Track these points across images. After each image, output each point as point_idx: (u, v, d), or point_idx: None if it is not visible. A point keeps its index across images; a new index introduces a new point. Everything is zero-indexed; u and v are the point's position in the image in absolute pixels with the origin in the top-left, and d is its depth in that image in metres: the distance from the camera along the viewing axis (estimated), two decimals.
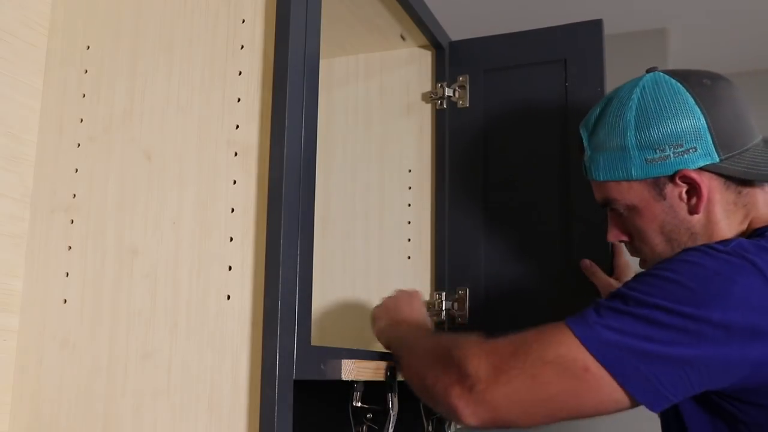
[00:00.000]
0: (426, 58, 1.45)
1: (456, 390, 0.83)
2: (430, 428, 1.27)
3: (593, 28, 1.33)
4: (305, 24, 0.93)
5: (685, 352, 0.77)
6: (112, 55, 1.00)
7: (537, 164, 1.33)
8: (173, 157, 0.93)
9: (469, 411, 0.82)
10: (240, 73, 0.92)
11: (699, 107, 0.92)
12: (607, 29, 1.35)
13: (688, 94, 0.93)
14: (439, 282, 1.36)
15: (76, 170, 0.99)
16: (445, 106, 1.40)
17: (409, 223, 1.40)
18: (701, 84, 0.94)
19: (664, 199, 0.94)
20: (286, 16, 0.90)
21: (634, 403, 0.80)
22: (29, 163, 1.01)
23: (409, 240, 1.39)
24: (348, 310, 1.40)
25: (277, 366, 0.81)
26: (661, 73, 0.98)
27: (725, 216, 0.94)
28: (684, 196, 0.94)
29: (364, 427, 1.03)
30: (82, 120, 1.00)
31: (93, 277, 0.94)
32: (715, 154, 0.91)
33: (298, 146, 0.89)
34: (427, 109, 1.43)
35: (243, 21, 0.93)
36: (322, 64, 1.40)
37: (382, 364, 1.03)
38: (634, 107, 0.95)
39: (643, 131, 0.93)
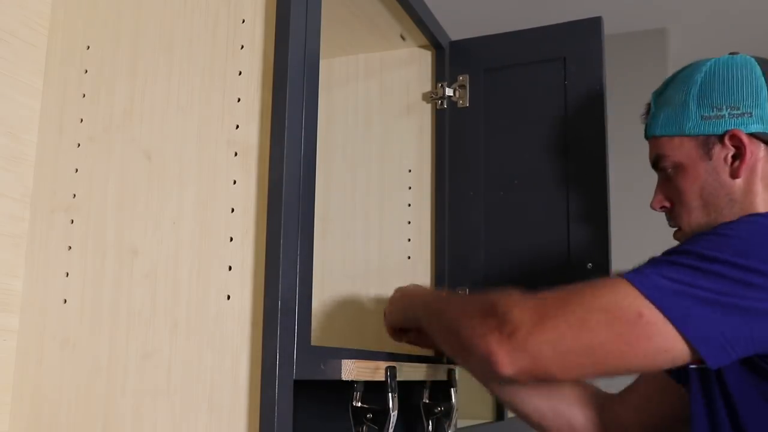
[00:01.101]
0: (426, 58, 1.45)
1: (495, 336, 0.79)
2: (430, 428, 1.27)
3: (593, 26, 1.33)
4: (305, 24, 0.93)
5: (744, 303, 0.75)
6: (112, 55, 1.00)
7: (537, 164, 1.33)
8: (173, 157, 0.93)
9: (507, 359, 0.78)
10: (240, 73, 0.92)
11: (764, 79, 0.95)
12: (607, 29, 1.35)
13: (758, 68, 0.97)
14: (439, 282, 1.36)
15: (76, 170, 0.99)
16: (445, 106, 1.40)
17: (409, 223, 1.40)
18: None
19: (710, 159, 0.96)
20: (286, 16, 0.90)
21: (691, 356, 0.76)
22: (29, 163, 1.01)
23: (409, 240, 1.39)
24: (348, 310, 1.40)
25: (277, 366, 0.81)
26: (742, 54, 1.01)
27: (765, 189, 0.95)
28: (729, 158, 0.95)
29: (364, 427, 1.03)
30: (82, 120, 1.00)
31: (93, 277, 0.94)
32: None
33: (298, 146, 0.89)
34: (427, 109, 1.43)
35: (243, 21, 0.93)
36: (322, 64, 1.40)
37: (382, 364, 1.03)
38: (704, 71, 0.99)
39: (706, 91, 0.96)
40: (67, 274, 0.96)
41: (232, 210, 0.89)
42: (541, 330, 0.78)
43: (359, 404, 1.02)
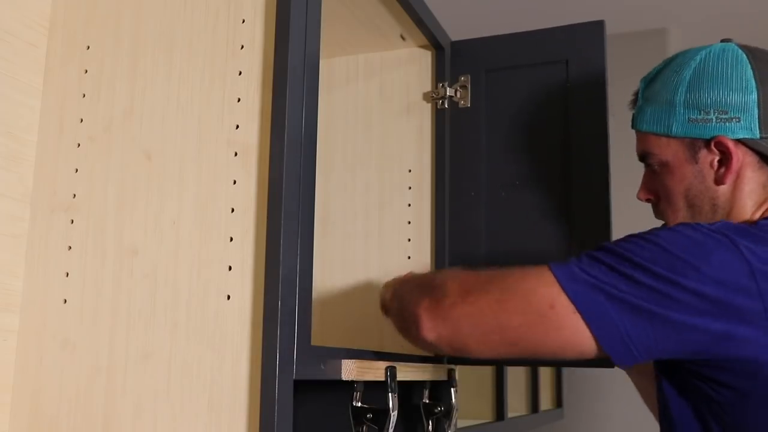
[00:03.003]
0: (426, 58, 1.45)
1: (425, 302, 0.86)
2: (430, 428, 1.27)
3: (595, 29, 1.32)
4: (305, 24, 0.93)
5: (654, 309, 0.78)
6: (112, 55, 1.00)
7: (538, 165, 1.33)
8: (173, 157, 0.93)
9: (430, 324, 0.85)
10: (240, 73, 0.92)
11: (755, 81, 0.92)
12: (608, 29, 1.35)
13: (749, 66, 0.94)
14: None
15: (76, 170, 0.99)
16: (446, 106, 1.40)
17: (409, 223, 1.40)
18: (766, 60, 0.94)
19: (696, 162, 0.95)
20: (286, 16, 0.90)
21: (597, 351, 0.80)
22: (29, 163, 1.01)
23: (409, 240, 1.39)
24: (348, 310, 1.40)
25: (277, 366, 0.81)
26: (733, 44, 0.98)
27: (750, 196, 0.94)
28: (715, 164, 0.94)
29: (364, 427, 1.03)
30: (82, 120, 1.00)
31: (93, 277, 0.94)
32: (757, 130, 0.91)
33: (298, 146, 0.89)
34: (427, 109, 1.43)
35: (243, 21, 0.93)
36: (322, 64, 1.40)
37: (382, 364, 1.03)
38: (693, 66, 0.96)
39: (694, 91, 0.94)
40: (67, 274, 0.96)
41: (232, 210, 0.89)
42: (462, 302, 0.83)
43: (359, 404, 1.02)
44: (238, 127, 0.91)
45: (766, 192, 0.94)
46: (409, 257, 1.39)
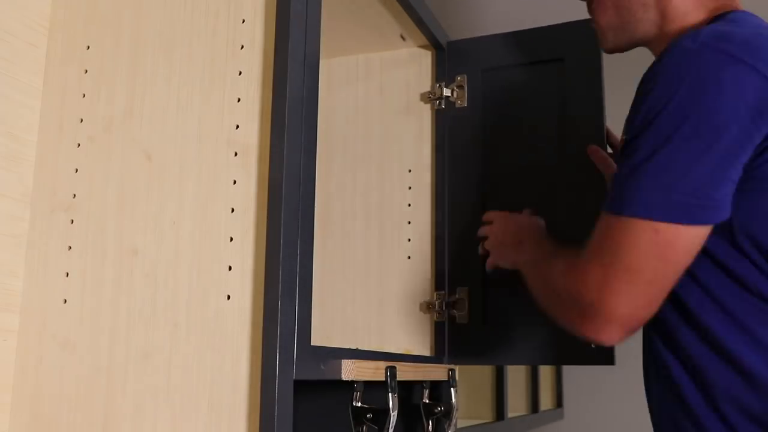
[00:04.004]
0: (426, 58, 1.45)
1: (585, 324, 0.87)
2: (430, 428, 1.27)
3: (590, 27, 1.32)
4: (305, 24, 0.93)
5: (715, 156, 0.79)
6: (112, 55, 1.00)
7: (535, 163, 1.33)
8: (173, 157, 0.93)
9: (603, 336, 0.86)
10: (240, 73, 0.92)
11: None
12: None
13: None
14: (439, 282, 1.36)
15: (76, 170, 0.99)
16: (443, 106, 1.40)
17: (409, 223, 1.40)
18: None
19: None
20: (286, 16, 0.90)
21: (707, 231, 0.83)
22: (29, 163, 1.01)
23: (409, 240, 1.39)
24: (348, 310, 1.40)
25: (277, 366, 0.81)
26: None
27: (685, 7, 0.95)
28: None
29: (364, 427, 1.03)
30: (82, 120, 1.00)
31: (93, 277, 0.94)
32: None
33: (298, 146, 0.89)
34: (426, 109, 1.43)
35: (243, 21, 0.93)
36: (322, 64, 1.40)
37: (382, 364, 1.03)
38: None
39: None
40: (67, 274, 0.96)
41: (232, 210, 0.89)
42: (607, 300, 0.84)
43: (359, 404, 1.02)
44: (238, 127, 0.91)
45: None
46: (409, 257, 1.39)
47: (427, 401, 1.28)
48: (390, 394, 1.02)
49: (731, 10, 0.94)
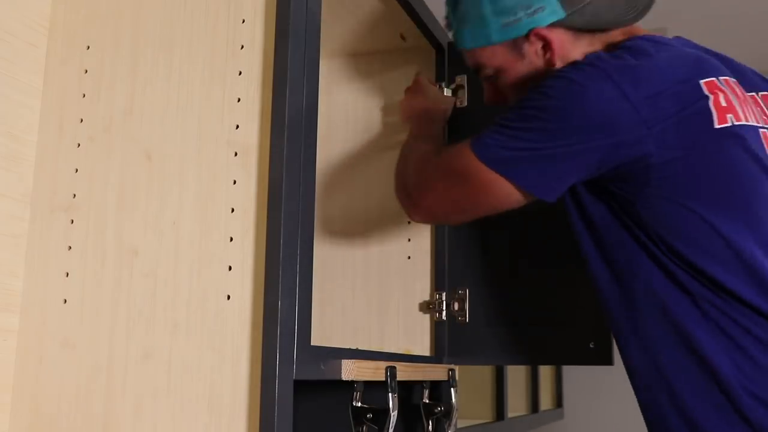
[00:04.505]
0: (426, 58, 1.45)
1: (403, 195, 1.11)
2: (430, 428, 1.27)
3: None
4: (305, 24, 0.93)
5: (554, 150, 0.93)
6: (112, 55, 1.00)
7: None
8: (173, 157, 0.93)
9: (413, 214, 1.11)
10: (240, 73, 0.92)
11: None
12: None
13: None
14: (439, 282, 1.36)
15: (76, 170, 0.99)
16: None
17: (409, 223, 1.40)
18: None
19: (524, 57, 1.05)
20: (286, 16, 0.90)
21: (525, 197, 0.98)
22: (29, 163, 1.01)
23: (409, 240, 1.39)
24: (348, 310, 1.40)
25: (277, 366, 0.81)
26: None
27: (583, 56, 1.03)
28: (540, 51, 1.04)
29: (364, 427, 1.03)
30: (82, 120, 1.00)
31: (93, 277, 0.94)
32: (561, 11, 1.00)
33: (298, 146, 0.89)
34: None
35: (243, 21, 0.93)
36: (322, 64, 1.40)
37: (382, 364, 1.03)
38: None
39: (496, 0, 1.03)
40: (67, 274, 0.96)
41: (232, 210, 0.89)
42: (423, 193, 1.07)
43: (359, 404, 1.02)
44: (238, 127, 0.91)
45: (595, 48, 1.03)
46: (409, 257, 1.39)
47: (427, 401, 1.28)
48: (390, 394, 1.02)
49: (628, 38, 1.01)
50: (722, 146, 0.92)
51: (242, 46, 0.93)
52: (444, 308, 1.34)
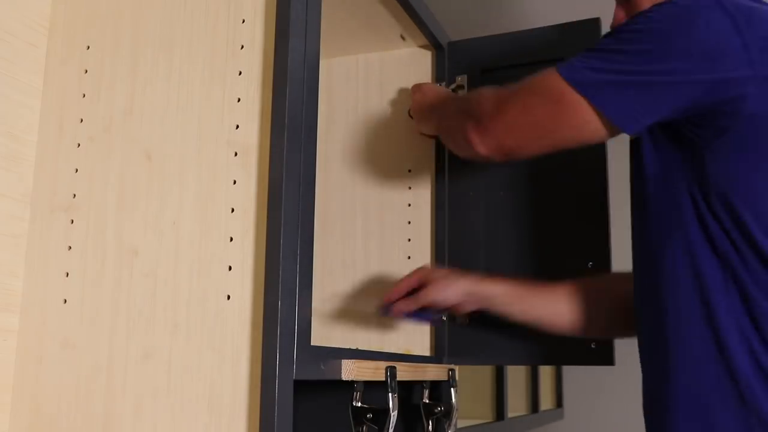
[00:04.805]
0: (426, 58, 1.45)
1: (470, 125, 1.02)
2: (430, 428, 1.27)
3: (590, 27, 1.32)
4: (305, 24, 0.93)
5: (650, 76, 0.88)
6: (112, 55, 1.00)
7: (536, 163, 1.33)
8: (173, 157, 0.93)
9: (479, 140, 1.01)
10: (240, 73, 0.92)
11: None
12: (604, 27, 1.34)
13: None
14: None
15: (76, 170, 0.99)
16: None
17: (409, 223, 1.40)
18: None
19: None
20: (286, 16, 0.90)
21: (607, 126, 0.92)
22: (29, 163, 1.01)
23: (409, 240, 1.39)
24: (348, 310, 1.40)
25: (277, 366, 0.81)
26: None
27: None
28: None
29: (364, 427, 1.03)
30: (82, 120, 1.00)
31: (93, 277, 0.94)
32: None
33: (298, 146, 0.89)
34: None
35: (243, 21, 0.93)
36: (322, 64, 1.40)
37: (382, 364, 1.03)
38: None
39: None
40: (67, 274, 0.96)
41: (232, 210, 0.89)
42: (497, 114, 0.99)
43: (359, 404, 1.02)
44: (238, 127, 0.91)
45: None
46: (409, 257, 1.39)
47: (427, 401, 1.28)
48: (390, 394, 1.02)
49: None
50: None
51: (242, 46, 0.93)
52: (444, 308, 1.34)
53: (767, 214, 0.87)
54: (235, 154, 0.90)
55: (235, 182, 0.89)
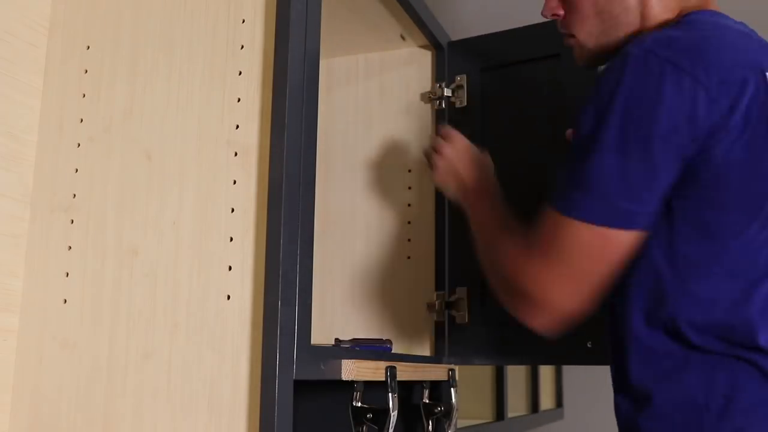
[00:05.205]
0: (426, 58, 1.45)
1: (527, 313, 0.91)
2: (430, 428, 1.27)
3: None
4: (305, 24, 0.93)
5: (651, 164, 0.83)
6: (112, 55, 1.00)
7: (536, 161, 1.33)
8: (173, 157, 0.93)
9: (539, 323, 0.91)
10: (240, 73, 0.92)
11: None
12: None
13: None
14: (439, 282, 1.36)
15: (76, 170, 0.99)
16: (443, 106, 1.40)
17: (409, 223, 1.40)
18: None
19: None
20: (286, 16, 0.90)
21: (639, 235, 0.86)
22: (29, 163, 1.01)
23: (409, 240, 1.39)
24: (348, 310, 1.40)
25: (277, 366, 0.81)
26: None
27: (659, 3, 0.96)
28: None
29: (364, 427, 1.03)
30: (82, 120, 1.00)
31: (93, 277, 0.94)
32: None
33: (298, 146, 0.89)
34: (427, 109, 1.43)
35: (243, 21, 0.93)
36: (322, 64, 1.40)
37: (382, 364, 1.03)
38: None
39: None
40: (67, 274, 0.96)
41: (232, 210, 0.89)
42: (548, 294, 0.88)
43: (359, 404, 1.02)
44: (238, 127, 0.91)
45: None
46: (409, 257, 1.39)
47: (427, 401, 1.28)
48: (390, 394, 1.02)
49: (695, 10, 0.95)
50: None
51: (242, 46, 0.93)
52: (444, 308, 1.34)
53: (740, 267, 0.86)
54: (235, 154, 0.90)
55: (235, 182, 0.89)
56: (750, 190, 0.85)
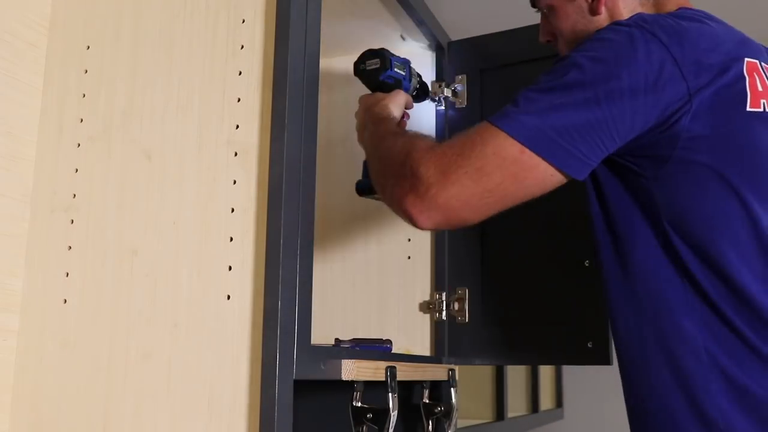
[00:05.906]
0: (426, 58, 1.45)
1: (409, 198, 0.89)
2: (430, 428, 1.27)
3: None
4: (305, 24, 0.93)
5: (596, 114, 0.86)
6: (112, 55, 1.00)
7: None
8: (173, 157, 0.93)
9: (423, 216, 0.89)
10: (240, 73, 0.92)
11: None
12: None
13: None
14: (439, 282, 1.36)
15: (76, 170, 0.99)
16: (443, 106, 1.40)
17: None
18: None
19: (573, 0, 1.05)
20: (286, 16, 0.90)
21: (561, 177, 0.89)
22: (29, 163, 1.01)
23: (409, 240, 1.39)
24: (348, 310, 1.40)
25: (277, 366, 0.81)
26: None
27: (630, 14, 1.00)
28: None
29: (364, 427, 1.03)
30: (82, 120, 1.00)
31: (93, 277, 0.94)
32: None
33: (298, 146, 0.89)
34: (426, 109, 1.43)
35: (243, 21, 0.93)
36: (322, 64, 1.40)
37: (382, 364, 1.03)
38: None
39: None
40: (67, 274, 0.96)
41: (232, 210, 0.89)
42: (446, 185, 0.88)
43: (359, 404, 1.02)
44: (238, 127, 0.91)
45: (650, 4, 1.01)
46: (409, 257, 1.39)
47: (427, 401, 1.28)
48: (390, 394, 1.02)
49: (678, 8, 0.99)
50: (750, 130, 0.90)
51: (242, 46, 0.93)
52: (444, 308, 1.34)
53: (721, 238, 0.89)
54: (235, 154, 0.90)
55: (235, 182, 0.89)
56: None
